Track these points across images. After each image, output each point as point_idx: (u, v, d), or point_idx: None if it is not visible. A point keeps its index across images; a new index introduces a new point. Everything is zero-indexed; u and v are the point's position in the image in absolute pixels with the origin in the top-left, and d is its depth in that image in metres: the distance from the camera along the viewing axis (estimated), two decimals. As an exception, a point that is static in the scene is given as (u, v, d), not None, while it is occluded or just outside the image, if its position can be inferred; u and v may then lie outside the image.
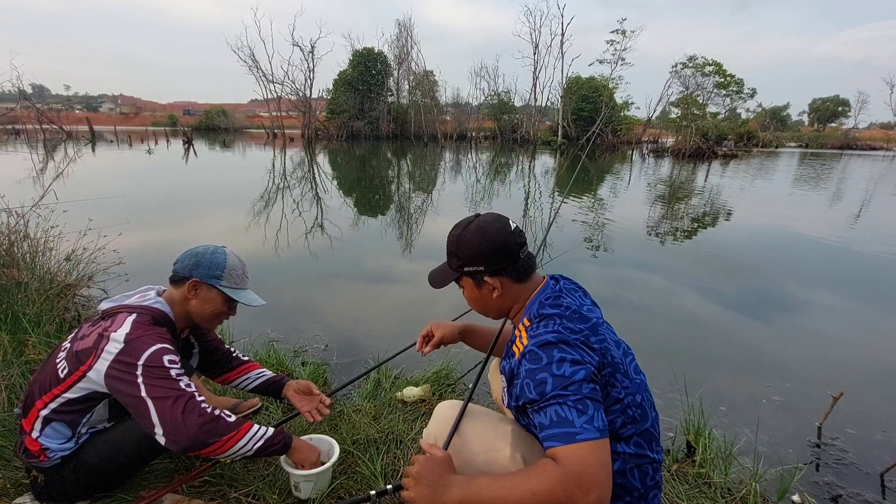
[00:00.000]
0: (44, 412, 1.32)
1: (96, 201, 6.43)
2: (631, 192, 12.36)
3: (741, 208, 9.54)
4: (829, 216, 9.20)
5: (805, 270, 5.43)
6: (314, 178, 14.05)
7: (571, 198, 10.23)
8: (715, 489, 1.73)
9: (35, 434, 1.33)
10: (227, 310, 1.53)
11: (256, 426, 1.36)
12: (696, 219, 8.41)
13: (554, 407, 0.88)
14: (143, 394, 1.21)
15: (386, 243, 6.22)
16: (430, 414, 2.10)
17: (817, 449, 2.24)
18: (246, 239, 6.01)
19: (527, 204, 9.61)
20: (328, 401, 1.80)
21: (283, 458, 1.56)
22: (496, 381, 1.45)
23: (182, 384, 1.25)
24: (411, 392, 2.20)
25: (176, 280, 1.47)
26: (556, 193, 11.29)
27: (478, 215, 1.17)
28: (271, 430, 1.40)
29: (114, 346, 1.26)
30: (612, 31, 39.90)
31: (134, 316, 1.33)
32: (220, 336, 1.86)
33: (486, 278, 1.12)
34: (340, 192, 11.39)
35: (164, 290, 1.50)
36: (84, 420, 1.37)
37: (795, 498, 1.82)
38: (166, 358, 1.27)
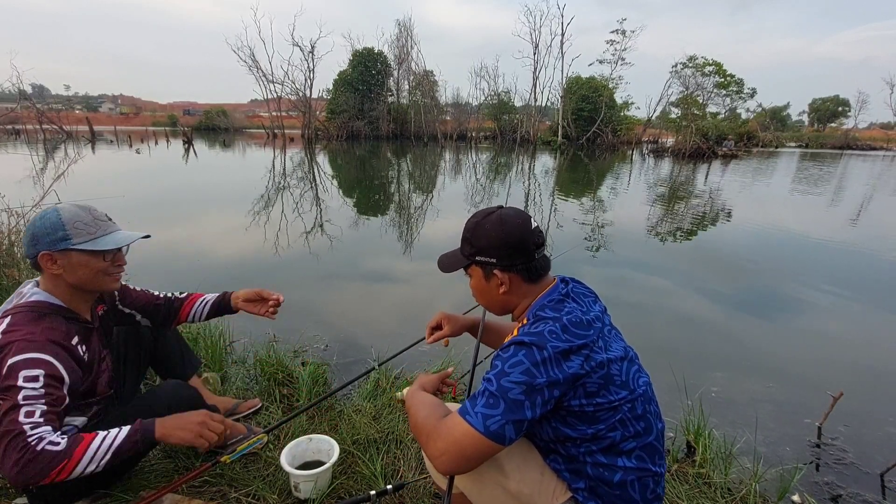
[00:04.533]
0: None
1: (96, 201, 6.43)
2: (631, 192, 12.36)
3: (741, 209, 9.54)
4: (829, 217, 9.20)
5: (805, 271, 5.43)
6: (314, 178, 14.05)
7: (571, 198, 10.23)
8: (715, 489, 1.73)
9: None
10: (106, 263, 1.32)
11: (99, 438, 1.17)
12: (696, 219, 8.41)
13: (482, 384, 0.96)
14: None
15: (386, 243, 6.23)
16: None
17: (817, 449, 2.24)
18: (246, 239, 6.01)
19: (527, 203, 9.61)
20: (281, 297, 1.78)
21: (283, 458, 1.56)
22: None
23: (21, 413, 1.08)
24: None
25: (33, 266, 1.30)
26: (557, 192, 11.29)
27: (500, 207, 1.14)
28: (123, 431, 1.20)
29: None
30: (612, 32, 39.98)
31: (8, 319, 1.20)
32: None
33: (495, 271, 1.10)
34: (340, 192, 11.39)
35: None
36: None
37: (795, 498, 1.82)
38: (23, 374, 1.12)
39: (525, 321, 1.05)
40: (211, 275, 4.52)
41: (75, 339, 1.29)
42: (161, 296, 1.70)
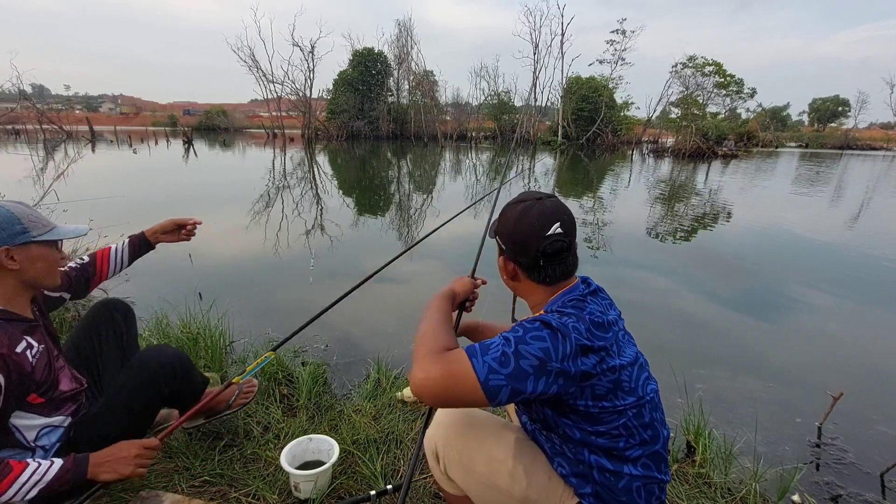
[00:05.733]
0: None
1: (96, 201, 6.44)
2: (631, 192, 12.36)
3: (741, 208, 9.53)
4: (829, 217, 9.20)
5: (804, 271, 5.43)
6: (314, 178, 14.05)
7: (571, 198, 10.23)
8: (715, 489, 1.73)
9: None
10: (60, 254, 1.34)
11: (29, 470, 1.13)
12: (696, 219, 8.41)
13: (498, 338, 0.93)
14: None
15: (386, 243, 6.23)
16: (431, 414, 2.10)
17: (817, 449, 2.24)
18: (246, 239, 6.01)
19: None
20: (199, 220, 1.86)
21: (283, 458, 1.56)
22: None
23: None
24: (411, 392, 2.20)
25: None
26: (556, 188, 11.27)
27: (539, 199, 1.06)
28: (55, 466, 1.17)
29: None
30: (612, 32, 39.97)
31: None
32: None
33: (502, 257, 1.11)
34: (340, 192, 11.39)
35: None
36: (18, 440, 1.23)
37: (795, 498, 1.82)
38: None
39: (543, 313, 1.03)
40: (209, 275, 4.52)
41: (22, 345, 1.21)
42: (69, 268, 1.64)
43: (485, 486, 1.08)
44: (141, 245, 1.77)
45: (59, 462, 1.18)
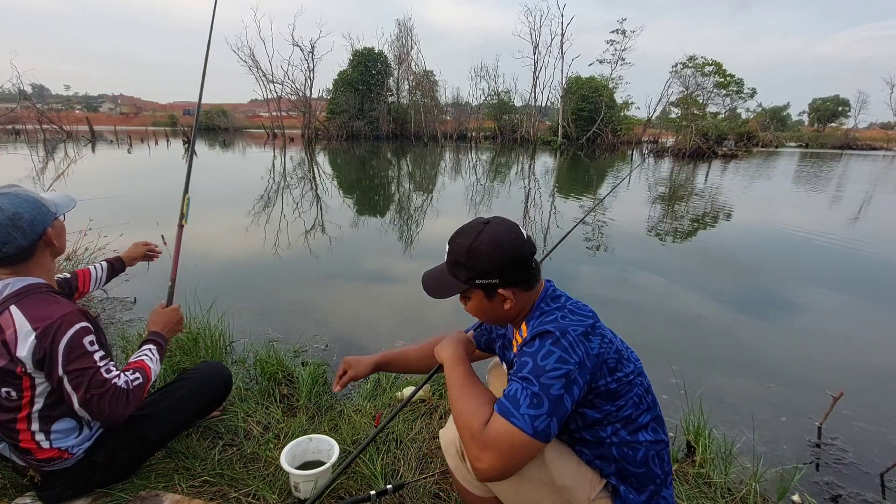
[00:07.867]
0: (34, 428, 1.27)
1: (96, 201, 6.44)
2: (630, 191, 12.36)
3: (741, 208, 9.53)
4: (829, 216, 9.20)
5: (804, 271, 5.43)
6: (314, 178, 14.05)
7: (571, 197, 10.23)
8: (715, 489, 1.73)
9: (46, 445, 1.30)
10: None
11: (149, 358, 1.44)
12: (696, 219, 8.41)
13: (517, 384, 0.93)
14: (68, 388, 1.21)
15: (385, 243, 6.23)
16: (430, 413, 2.11)
17: (817, 449, 2.24)
18: (246, 239, 6.01)
19: (527, 204, 9.61)
20: (160, 251, 2.07)
21: (283, 458, 1.56)
22: (496, 382, 1.45)
23: (104, 373, 1.24)
24: (411, 392, 2.21)
25: (25, 252, 1.26)
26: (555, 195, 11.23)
27: (486, 222, 1.09)
28: (153, 346, 1.49)
29: (25, 342, 1.16)
30: (612, 31, 39.89)
31: (18, 307, 1.20)
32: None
33: (499, 291, 1.07)
34: (340, 192, 11.39)
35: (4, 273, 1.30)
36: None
37: (795, 498, 1.82)
38: (87, 341, 1.23)
39: (525, 326, 1.09)
40: (210, 275, 4.52)
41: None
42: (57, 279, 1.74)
43: (518, 479, 1.04)
44: (116, 268, 1.92)
45: (151, 346, 1.49)
